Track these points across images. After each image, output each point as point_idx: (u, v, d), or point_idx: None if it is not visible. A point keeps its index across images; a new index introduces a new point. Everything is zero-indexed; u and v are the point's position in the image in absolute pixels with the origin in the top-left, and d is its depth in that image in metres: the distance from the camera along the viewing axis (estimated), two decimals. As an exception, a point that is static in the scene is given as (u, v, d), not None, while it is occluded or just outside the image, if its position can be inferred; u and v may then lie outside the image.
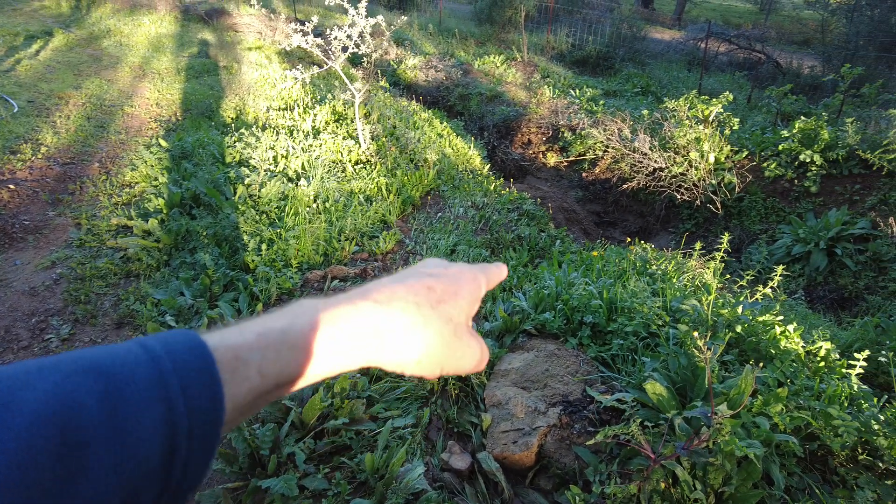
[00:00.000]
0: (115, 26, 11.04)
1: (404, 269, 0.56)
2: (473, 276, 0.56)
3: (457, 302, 0.51)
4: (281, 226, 4.15)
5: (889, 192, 5.85)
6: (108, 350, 0.37)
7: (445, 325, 0.49)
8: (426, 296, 0.49)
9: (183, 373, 0.37)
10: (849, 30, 11.41)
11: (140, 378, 0.35)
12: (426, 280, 0.51)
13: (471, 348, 0.52)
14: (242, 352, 0.41)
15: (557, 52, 13.31)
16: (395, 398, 2.66)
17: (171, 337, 0.39)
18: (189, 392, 0.37)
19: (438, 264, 0.56)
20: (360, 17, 5.36)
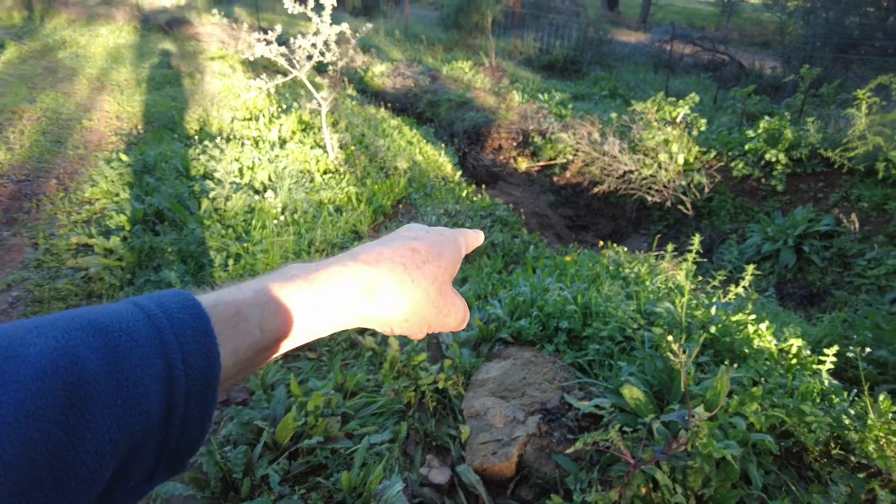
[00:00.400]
0: (70, 37, 10.74)
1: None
2: (454, 239, 0.58)
3: (440, 262, 0.53)
4: (248, 240, 4.05)
5: (850, 189, 6.01)
6: (103, 309, 0.37)
7: (431, 284, 0.51)
8: (411, 257, 0.51)
9: (179, 330, 0.37)
10: (806, 32, 11.76)
11: (138, 334, 0.35)
12: (410, 243, 0.53)
13: (455, 306, 0.55)
14: (243, 307, 0.42)
15: (525, 57, 13.41)
16: (371, 413, 2.60)
17: (165, 296, 0.40)
18: (186, 349, 0.37)
19: (420, 228, 0.57)
20: (324, 24, 5.30)
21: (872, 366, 3.22)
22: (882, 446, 2.19)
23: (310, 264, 0.48)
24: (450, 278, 0.55)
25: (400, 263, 0.50)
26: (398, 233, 0.56)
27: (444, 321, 0.54)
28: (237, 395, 2.78)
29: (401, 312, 0.50)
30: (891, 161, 5.74)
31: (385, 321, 0.50)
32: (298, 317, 0.44)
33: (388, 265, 0.49)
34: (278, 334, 0.44)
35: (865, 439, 2.22)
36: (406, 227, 0.59)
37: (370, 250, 0.51)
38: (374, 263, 0.49)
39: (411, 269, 0.50)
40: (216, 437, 2.51)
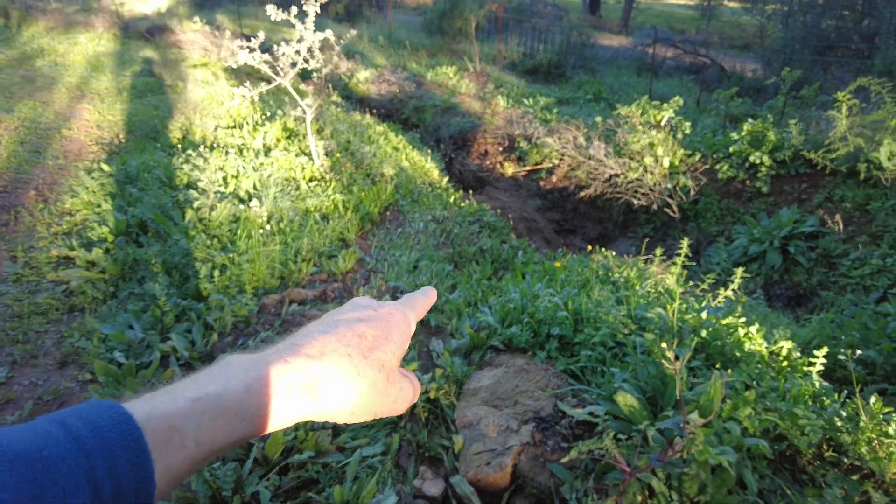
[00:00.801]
0: (49, 45, 10.58)
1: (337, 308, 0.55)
2: (403, 316, 0.56)
3: (387, 347, 0.51)
4: (233, 250, 3.99)
5: (833, 190, 6.08)
6: (26, 433, 0.34)
7: (378, 374, 0.49)
8: (358, 345, 0.49)
9: (108, 452, 0.35)
10: (785, 35, 11.92)
11: (63, 462, 0.33)
12: (357, 326, 0.50)
13: (403, 391, 0.53)
14: (177, 420, 0.39)
15: (509, 62, 13.46)
16: (363, 426, 2.56)
17: (94, 412, 0.37)
18: (117, 471, 0.35)
19: (368, 305, 0.55)
20: (308, 31, 5.26)
21: (861, 366, 3.24)
22: (874, 448, 2.20)
23: (249, 360, 0.45)
24: (398, 361, 0.53)
25: (345, 355, 0.47)
26: (344, 311, 0.54)
27: (392, 407, 0.52)
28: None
29: (346, 406, 0.48)
30: (872, 162, 5.82)
31: (330, 416, 0.48)
32: (237, 425, 0.42)
33: (333, 357, 0.47)
34: (213, 445, 0.41)
35: (858, 441, 2.22)
36: (353, 302, 0.56)
37: (314, 341, 0.48)
38: (318, 357, 0.46)
39: (357, 360, 0.48)
40: (204, 453, 2.45)
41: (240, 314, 3.34)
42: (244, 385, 0.43)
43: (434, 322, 3.53)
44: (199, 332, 3.19)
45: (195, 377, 0.44)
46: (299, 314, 3.44)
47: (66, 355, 3.18)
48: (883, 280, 5.03)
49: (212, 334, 3.20)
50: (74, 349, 3.19)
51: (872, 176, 5.84)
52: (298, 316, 3.43)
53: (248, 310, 3.39)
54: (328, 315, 0.53)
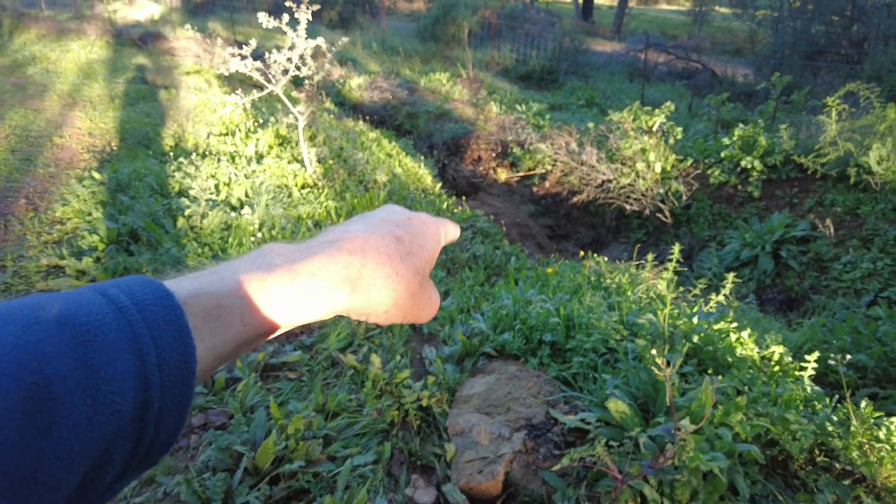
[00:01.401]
0: (40, 53, 10.55)
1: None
2: (436, 229, 0.57)
3: (422, 255, 0.52)
4: (225, 258, 3.98)
5: (824, 194, 6.12)
6: (69, 298, 0.34)
7: (414, 278, 0.50)
8: (396, 247, 0.49)
9: (152, 324, 0.35)
10: (775, 40, 12.02)
11: (109, 328, 0.33)
12: (395, 230, 0.51)
13: (431, 300, 0.54)
14: (225, 300, 0.40)
15: (502, 68, 13.50)
16: (354, 434, 2.55)
17: (135, 285, 0.37)
18: (161, 344, 0.35)
19: (402, 212, 0.55)
20: (300, 39, 5.26)
21: (852, 370, 3.26)
22: (865, 452, 2.20)
23: (292, 249, 0.46)
24: (429, 270, 0.54)
25: (385, 254, 0.48)
26: (378, 214, 0.54)
27: (420, 314, 0.53)
28: (215, 419, 2.70)
29: (382, 305, 0.48)
30: (861, 166, 5.86)
31: (365, 312, 0.48)
32: (281, 309, 0.42)
33: (374, 255, 0.47)
34: (260, 328, 0.42)
35: (849, 446, 2.23)
36: (386, 208, 0.56)
37: (354, 237, 0.48)
38: (361, 253, 0.47)
39: (396, 262, 0.49)
40: (194, 463, 2.43)
41: (231, 322, 3.32)
42: (288, 273, 0.43)
43: (426, 329, 3.52)
44: (189, 341, 3.17)
45: (239, 260, 0.44)
46: (291, 322, 3.43)
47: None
48: (873, 284, 5.05)
49: (203, 343, 3.18)
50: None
51: (862, 180, 5.89)
52: (290, 324, 3.41)
53: (239, 318, 3.37)
54: (363, 216, 0.54)
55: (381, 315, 0.49)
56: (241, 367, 2.89)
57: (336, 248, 0.46)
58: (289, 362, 3.08)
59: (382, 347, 3.23)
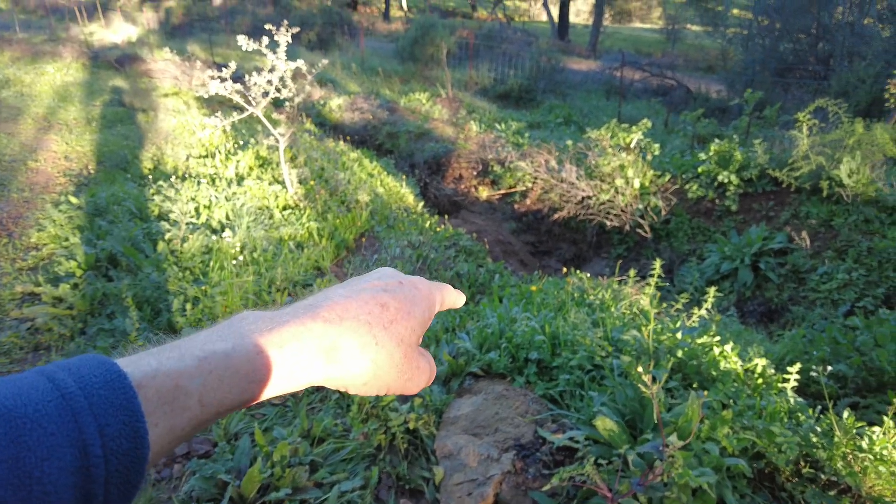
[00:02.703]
0: (14, 75, 10.43)
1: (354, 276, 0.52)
2: (429, 294, 0.53)
3: (409, 323, 0.49)
4: (206, 282, 3.93)
5: (799, 207, 6.25)
6: (9, 386, 0.32)
7: (397, 347, 0.47)
8: (379, 315, 0.47)
9: (100, 411, 0.33)
10: (746, 57, 12.35)
11: (48, 420, 0.31)
12: (380, 296, 0.48)
13: (419, 370, 0.51)
14: (183, 380, 0.38)
15: (481, 88, 13.66)
16: (341, 460, 2.51)
17: (85, 367, 0.35)
18: (108, 433, 0.33)
19: (394, 276, 0.53)
20: (280, 61, 5.27)
21: (833, 380, 3.30)
22: (850, 462, 2.23)
23: (265, 318, 0.44)
24: (417, 339, 0.51)
25: (365, 322, 0.45)
26: (368, 279, 0.51)
27: (406, 385, 0.50)
28: (199, 448, 2.65)
29: (360, 376, 0.46)
30: (833, 179, 6.01)
31: (342, 384, 0.46)
32: (245, 386, 0.40)
33: (353, 324, 0.45)
34: (221, 406, 0.40)
35: (833, 457, 2.25)
36: (379, 272, 0.54)
37: (334, 304, 0.46)
38: (337, 322, 0.44)
39: (377, 330, 0.46)
40: (177, 494, 2.37)
41: (213, 348, 3.27)
42: (256, 346, 0.41)
43: (412, 350, 3.50)
44: (170, 368, 3.11)
45: (206, 333, 0.42)
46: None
47: (31, 396, 3.06)
48: (849, 294, 5.16)
49: (184, 369, 3.12)
50: (39, 389, 3.08)
51: (835, 193, 6.03)
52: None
53: (221, 343, 3.32)
54: (352, 280, 0.52)
55: (360, 387, 0.47)
56: (224, 393, 2.84)
57: (311, 317, 0.44)
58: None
59: (368, 369, 3.20)
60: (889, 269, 5.19)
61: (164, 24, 19.94)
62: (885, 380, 3.26)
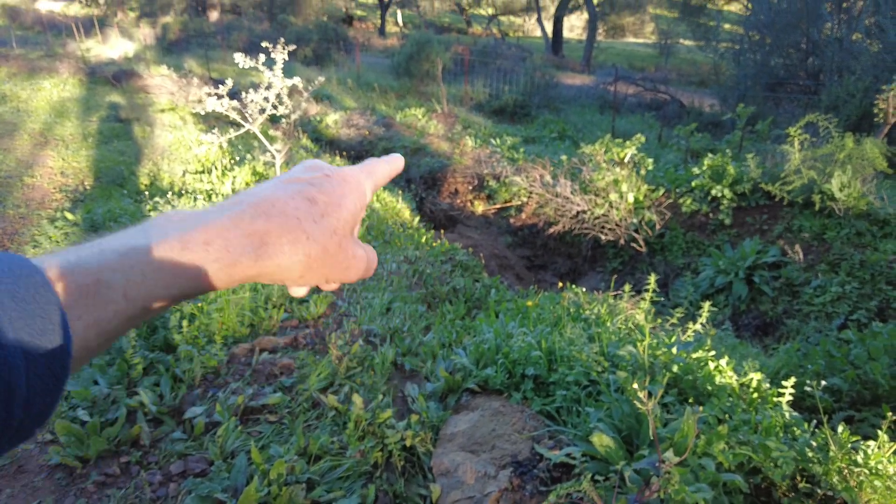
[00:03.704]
0: (11, 91, 10.46)
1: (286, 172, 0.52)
2: (357, 184, 0.53)
3: (339, 214, 0.49)
4: (202, 298, 3.93)
5: (792, 221, 6.31)
6: None
7: (330, 239, 0.47)
8: (308, 210, 0.46)
9: (19, 301, 0.33)
10: (738, 72, 12.50)
11: None
12: (308, 190, 0.48)
13: (356, 259, 0.51)
14: (104, 274, 0.38)
15: (476, 103, 13.76)
16: (337, 478, 2.50)
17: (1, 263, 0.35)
18: (18, 325, 0.33)
19: (320, 168, 0.52)
20: (276, 78, 5.32)
21: (828, 394, 3.32)
22: (845, 477, 2.23)
23: (189, 216, 0.43)
24: (351, 230, 0.51)
25: (294, 217, 0.45)
26: (293, 173, 0.51)
27: (345, 275, 0.51)
28: (195, 466, 2.63)
29: (294, 271, 0.46)
30: (825, 193, 6.07)
31: (277, 278, 0.46)
32: (171, 282, 0.40)
33: (281, 220, 0.45)
34: (148, 302, 0.40)
35: (829, 471, 2.26)
36: (303, 164, 0.52)
37: (261, 199, 0.45)
38: (265, 217, 0.44)
39: (307, 224, 0.46)
40: (172, 514, 2.36)
41: (209, 365, 3.27)
42: (180, 241, 0.41)
43: (409, 365, 3.50)
44: (167, 385, 3.10)
45: (130, 230, 0.42)
46: (270, 362, 3.38)
47: (26, 415, 3.04)
48: (843, 307, 5.19)
49: (181, 387, 3.11)
50: (34, 408, 3.07)
51: (827, 206, 6.09)
52: (269, 364, 3.37)
53: (217, 360, 3.32)
54: (278, 177, 0.50)
55: (296, 280, 0.47)
56: (221, 410, 2.84)
57: (237, 214, 0.44)
58: (269, 404, 3.03)
59: (364, 386, 3.20)
60: (882, 281, 5.24)
61: (161, 40, 20.06)
62: (880, 393, 3.28)
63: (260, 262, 0.44)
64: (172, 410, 2.99)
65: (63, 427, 2.68)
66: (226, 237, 0.42)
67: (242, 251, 0.43)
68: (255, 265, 0.44)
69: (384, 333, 3.88)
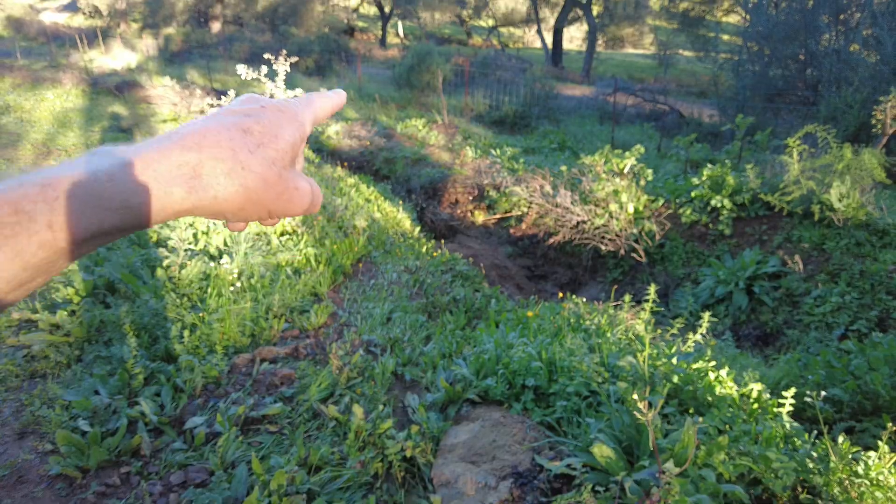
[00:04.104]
0: (15, 102, 10.53)
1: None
2: (294, 115, 0.52)
3: (276, 145, 0.48)
4: (203, 308, 3.94)
5: (791, 231, 6.33)
6: None
7: (268, 170, 0.46)
8: (242, 140, 0.45)
9: None
10: (737, 83, 12.57)
11: None
12: (242, 121, 0.47)
13: (298, 191, 0.50)
14: (24, 204, 0.37)
15: (476, 114, 13.83)
16: (338, 489, 2.50)
17: None
18: None
19: (255, 101, 0.51)
20: (278, 90, 5.36)
21: (828, 404, 3.32)
22: (846, 488, 2.23)
23: (116, 150, 0.42)
24: (291, 160, 0.50)
25: (228, 148, 0.44)
26: (230, 107, 0.49)
27: (287, 207, 0.49)
28: (195, 477, 2.63)
29: (232, 203, 0.45)
30: (824, 203, 6.09)
31: (215, 212, 0.45)
32: (101, 214, 0.39)
33: (214, 151, 0.44)
34: (76, 233, 0.39)
35: (830, 482, 2.25)
36: (240, 99, 0.51)
37: (192, 132, 0.44)
38: (196, 149, 0.43)
39: (242, 155, 0.45)
40: (172, 525, 2.36)
41: (210, 375, 3.27)
42: (107, 172, 0.40)
43: (409, 376, 3.51)
44: (168, 395, 3.10)
45: (55, 165, 0.40)
46: (270, 373, 3.39)
47: (26, 425, 3.05)
48: (843, 317, 5.19)
49: (182, 397, 3.12)
50: (35, 418, 3.07)
51: (826, 217, 6.11)
52: (270, 375, 3.37)
53: (218, 370, 3.32)
54: (216, 110, 0.49)
55: (236, 213, 0.47)
56: (221, 421, 2.84)
57: (167, 146, 0.43)
58: (269, 415, 3.03)
59: (364, 397, 3.20)
60: (881, 291, 5.24)
61: (164, 51, 20.20)
62: (880, 403, 3.27)
63: (194, 193, 0.43)
64: (173, 421, 2.99)
65: (63, 437, 2.68)
66: (155, 168, 0.41)
67: (173, 182, 0.42)
68: (190, 197, 0.43)
69: (385, 343, 3.89)
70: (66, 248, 0.39)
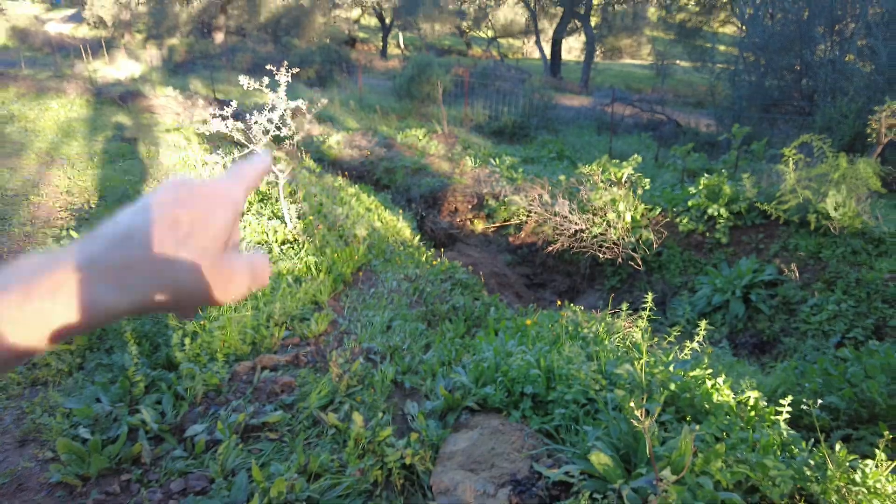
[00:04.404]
0: (19, 111, 10.60)
1: None
2: (226, 195, 0.49)
3: (209, 232, 0.46)
4: (204, 316, 3.96)
5: (788, 239, 6.36)
6: None
7: (200, 260, 0.45)
8: (171, 233, 0.44)
9: None
10: (733, 93, 12.65)
11: None
12: (172, 212, 0.45)
13: (237, 274, 0.48)
14: None
15: (476, 124, 13.91)
16: (337, 496, 2.52)
17: None
18: None
19: (184, 184, 0.48)
20: (280, 100, 5.41)
21: (825, 412, 3.33)
22: (844, 496, 2.24)
23: (37, 263, 0.41)
24: (223, 245, 0.47)
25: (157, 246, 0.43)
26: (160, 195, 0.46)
27: (226, 293, 0.48)
28: (196, 484, 2.65)
29: (169, 301, 0.44)
30: (820, 212, 6.13)
31: (153, 310, 0.45)
32: (22, 329, 0.39)
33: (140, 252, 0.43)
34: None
35: (827, 490, 2.26)
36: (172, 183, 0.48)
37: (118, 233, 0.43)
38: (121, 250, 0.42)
39: (170, 251, 0.43)
40: (172, 532, 2.37)
41: (211, 383, 3.29)
42: (22, 290, 0.39)
43: (408, 383, 3.53)
44: (169, 403, 3.12)
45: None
46: (271, 380, 3.41)
47: (27, 433, 3.06)
48: (839, 325, 5.21)
49: (182, 404, 3.13)
50: (36, 426, 3.09)
51: (822, 225, 6.15)
52: (270, 382, 3.39)
53: (219, 378, 3.34)
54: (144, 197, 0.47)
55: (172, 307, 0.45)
56: (222, 428, 2.86)
57: (88, 256, 0.42)
58: (269, 422, 3.05)
59: (364, 404, 3.22)
60: (877, 299, 5.27)
61: (167, 62, 20.33)
62: (877, 411, 3.29)
63: (126, 296, 0.42)
64: (174, 428, 3.01)
65: (64, 445, 2.70)
66: (78, 280, 0.41)
67: (97, 294, 0.41)
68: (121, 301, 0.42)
69: (384, 351, 3.91)
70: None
